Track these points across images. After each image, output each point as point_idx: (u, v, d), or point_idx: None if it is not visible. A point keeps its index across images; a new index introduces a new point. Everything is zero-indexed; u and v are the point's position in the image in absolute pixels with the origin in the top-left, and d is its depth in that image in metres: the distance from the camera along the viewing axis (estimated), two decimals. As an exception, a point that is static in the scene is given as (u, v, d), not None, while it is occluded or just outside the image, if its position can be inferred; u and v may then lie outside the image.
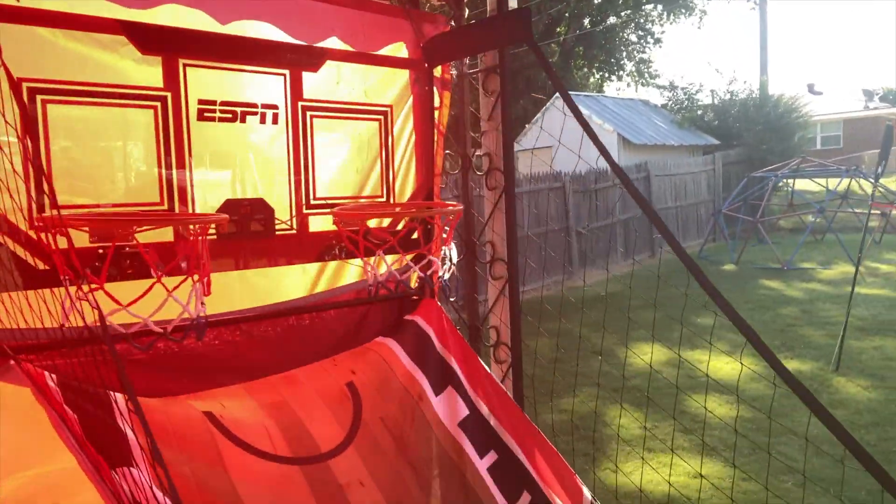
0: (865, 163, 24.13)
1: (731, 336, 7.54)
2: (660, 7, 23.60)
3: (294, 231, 1.84)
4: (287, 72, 1.80)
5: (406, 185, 2.12)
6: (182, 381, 1.55)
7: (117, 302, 1.26)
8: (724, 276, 11.26)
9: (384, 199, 2.04)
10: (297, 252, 1.87)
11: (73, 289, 1.20)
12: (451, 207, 1.88)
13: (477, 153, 2.30)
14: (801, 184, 14.56)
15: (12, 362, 1.28)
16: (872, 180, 13.06)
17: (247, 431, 1.43)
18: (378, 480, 1.51)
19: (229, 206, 1.71)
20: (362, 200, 2.00)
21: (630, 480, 4.23)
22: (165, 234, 1.60)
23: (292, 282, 1.95)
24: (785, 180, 13.99)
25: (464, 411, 1.73)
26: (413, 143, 2.11)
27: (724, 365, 6.47)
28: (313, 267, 1.97)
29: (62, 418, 1.20)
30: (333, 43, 1.91)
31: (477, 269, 2.40)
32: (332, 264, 1.99)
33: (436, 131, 2.13)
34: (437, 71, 2.16)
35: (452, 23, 2.32)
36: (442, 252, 1.88)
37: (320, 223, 1.91)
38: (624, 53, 24.78)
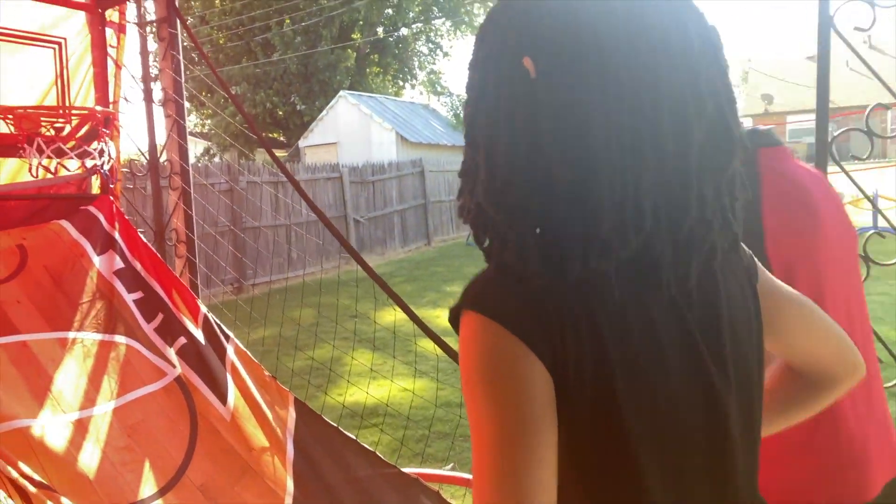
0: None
1: (469, 297, 8.82)
2: (448, 23, 25.53)
3: (-24, 130, 2.27)
4: (-36, 0, 2.24)
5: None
6: None
7: None
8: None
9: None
10: (-21, 148, 2.30)
11: None
12: (100, 109, 2.44)
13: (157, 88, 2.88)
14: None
15: None
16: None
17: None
18: (33, 300, 2.03)
19: None
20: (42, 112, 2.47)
21: (341, 400, 5.03)
22: None
23: (-24, 174, 2.37)
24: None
25: (119, 265, 2.30)
26: (91, 74, 2.63)
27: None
28: (-2, 162, 2.41)
29: None
30: (11, -18, 2.37)
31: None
32: (17, 161, 2.43)
33: (114, 65, 2.67)
34: (116, 17, 2.71)
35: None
36: (101, 149, 2.43)
37: (3, 127, 2.35)
38: (416, 63, 26.31)
